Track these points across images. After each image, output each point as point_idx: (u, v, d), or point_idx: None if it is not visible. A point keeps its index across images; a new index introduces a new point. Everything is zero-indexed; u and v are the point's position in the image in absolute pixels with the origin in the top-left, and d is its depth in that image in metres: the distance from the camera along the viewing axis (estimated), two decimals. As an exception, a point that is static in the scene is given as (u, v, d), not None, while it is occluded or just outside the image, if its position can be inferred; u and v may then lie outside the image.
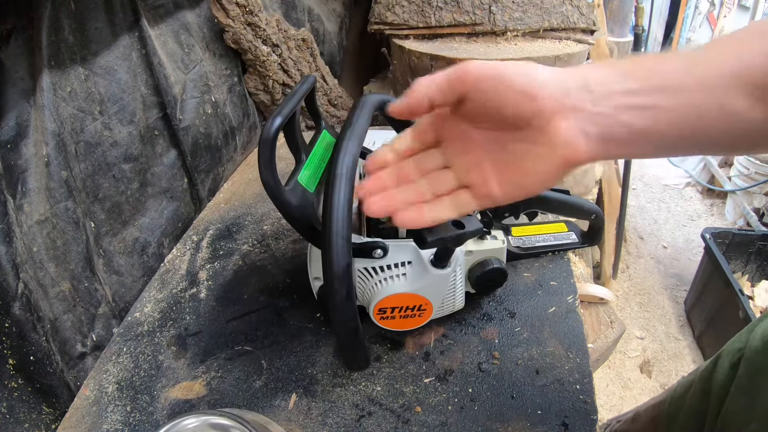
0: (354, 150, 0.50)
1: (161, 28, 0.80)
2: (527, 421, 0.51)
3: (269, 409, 0.54)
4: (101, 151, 0.67)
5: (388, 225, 0.55)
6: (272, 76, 1.04)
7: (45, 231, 0.58)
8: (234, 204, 0.92)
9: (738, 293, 1.40)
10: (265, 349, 0.62)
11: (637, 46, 1.65)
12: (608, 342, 1.09)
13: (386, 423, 0.52)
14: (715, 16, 3.46)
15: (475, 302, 0.65)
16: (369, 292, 0.55)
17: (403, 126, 0.68)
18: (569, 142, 0.33)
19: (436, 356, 0.59)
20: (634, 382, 1.53)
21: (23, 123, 0.56)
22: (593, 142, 0.33)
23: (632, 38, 1.74)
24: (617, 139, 0.33)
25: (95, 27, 0.66)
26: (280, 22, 1.05)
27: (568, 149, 0.33)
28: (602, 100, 0.33)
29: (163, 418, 0.54)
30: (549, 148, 0.34)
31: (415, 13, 1.14)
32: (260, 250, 0.79)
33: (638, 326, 1.73)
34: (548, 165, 0.34)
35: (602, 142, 0.33)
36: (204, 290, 0.72)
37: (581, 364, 0.57)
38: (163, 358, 0.62)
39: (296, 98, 0.55)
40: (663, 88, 0.32)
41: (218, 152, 0.96)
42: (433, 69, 1.10)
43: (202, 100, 0.89)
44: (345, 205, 0.46)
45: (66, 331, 0.60)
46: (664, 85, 0.32)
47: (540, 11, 1.12)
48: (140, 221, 0.76)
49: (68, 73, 0.62)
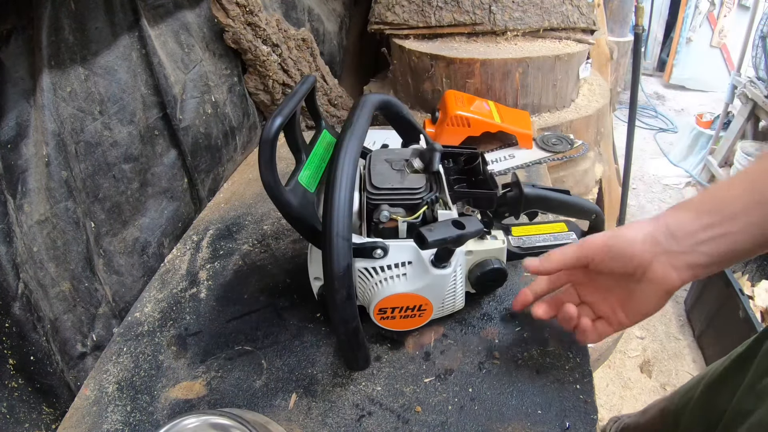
0: (354, 150, 0.50)
1: (161, 28, 0.80)
2: (527, 420, 0.51)
3: (269, 408, 0.54)
4: (101, 151, 0.67)
5: (388, 225, 0.55)
6: (272, 76, 1.04)
7: (45, 231, 0.58)
8: (234, 204, 0.92)
9: (738, 293, 1.40)
10: (266, 349, 0.62)
11: (637, 45, 1.64)
12: (608, 342, 1.09)
13: (386, 423, 0.52)
14: (715, 16, 3.45)
15: (475, 302, 0.65)
16: (369, 292, 0.55)
17: (403, 127, 0.68)
18: (664, 278, 0.45)
19: (436, 356, 0.59)
20: (634, 381, 1.53)
21: (23, 123, 0.56)
22: (683, 272, 0.45)
23: (632, 38, 1.74)
24: (703, 264, 0.44)
25: (95, 27, 0.66)
26: (280, 22, 1.05)
27: (665, 283, 0.46)
28: (684, 240, 0.44)
29: (164, 418, 0.54)
30: (652, 285, 0.46)
31: (415, 12, 1.14)
32: (260, 250, 0.79)
33: (638, 326, 1.73)
34: (654, 296, 0.47)
35: (690, 269, 0.45)
36: (204, 290, 0.72)
37: (581, 363, 0.57)
38: (164, 358, 0.62)
39: (296, 98, 0.55)
40: (730, 216, 0.42)
41: (218, 152, 0.96)
42: (433, 69, 1.10)
43: (202, 100, 0.89)
44: (345, 205, 0.46)
45: (66, 331, 0.60)
46: (731, 214, 0.42)
47: (540, 11, 1.12)
48: (140, 221, 0.76)
49: (68, 73, 0.62)
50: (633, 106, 1.70)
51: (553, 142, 1.02)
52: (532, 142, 1.01)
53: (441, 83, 1.12)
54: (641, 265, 0.46)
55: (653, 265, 0.45)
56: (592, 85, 1.30)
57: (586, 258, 0.49)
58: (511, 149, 1.02)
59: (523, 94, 1.11)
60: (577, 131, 1.13)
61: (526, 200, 0.63)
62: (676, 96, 3.73)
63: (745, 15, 2.99)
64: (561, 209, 0.66)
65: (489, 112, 1.00)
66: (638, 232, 0.46)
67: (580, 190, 1.16)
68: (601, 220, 0.68)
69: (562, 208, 0.66)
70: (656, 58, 4.04)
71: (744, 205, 0.42)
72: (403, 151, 0.63)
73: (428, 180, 0.58)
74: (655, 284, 0.46)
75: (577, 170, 1.12)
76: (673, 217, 0.45)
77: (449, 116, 0.98)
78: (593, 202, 0.78)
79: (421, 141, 0.68)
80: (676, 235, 0.44)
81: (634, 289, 0.48)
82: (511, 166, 0.98)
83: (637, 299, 0.49)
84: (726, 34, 3.44)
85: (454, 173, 0.66)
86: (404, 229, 0.56)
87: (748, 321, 1.35)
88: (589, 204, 0.67)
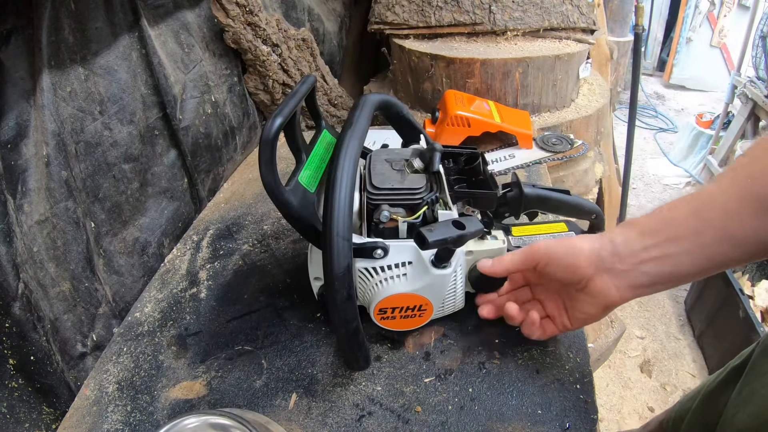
0: (354, 150, 0.50)
1: (161, 28, 0.80)
2: (527, 420, 0.51)
3: (269, 408, 0.54)
4: (101, 151, 0.67)
5: (388, 226, 0.55)
6: (272, 76, 1.04)
7: (45, 231, 0.58)
8: (234, 204, 0.92)
9: (738, 293, 1.40)
10: (266, 348, 0.62)
11: (637, 45, 1.64)
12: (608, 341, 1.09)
13: (386, 423, 0.52)
14: (715, 16, 3.45)
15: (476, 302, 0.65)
16: (369, 292, 0.55)
17: (403, 127, 0.68)
18: (604, 294, 0.47)
19: (436, 356, 0.59)
20: (634, 381, 1.53)
21: (23, 123, 0.56)
22: (623, 290, 0.46)
23: (632, 38, 1.74)
24: (643, 284, 0.45)
25: (95, 27, 0.66)
26: (280, 22, 1.05)
27: (604, 298, 0.47)
28: (627, 258, 0.44)
29: (164, 418, 0.54)
30: (592, 297, 0.48)
31: (415, 12, 1.14)
32: (260, 250, 0.79)
33: (638, 326, 1.73)
34: (594, 308, 0.49)
35: (630, 289, 0.45)
36: (204, 290, 0.72)
37: (581, 363, 0.57)
38: (164, 358, 0.62)
39: (296, 98, 0.55)
40: (674, 237, 0.42)
41: (218, 152, 0.96)
42: (433, 68, 1.10)
43: (202, 99, 0.89)
44: (346, 205, 0.46)
45: (66, 331, 0.60)
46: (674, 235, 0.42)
47: (540, 11, 1.12)
48: (140, 221, 0.76)
49: (68, 73, 0.62)
50: (633, 105, 1.70)
51: (553, 142, 1.02)
52: (532, 142, 1.01)
53: (441, 83, 1.11)
54: (584, 278, 0.47)
55: (594, 280, 0.47)
56: (592, 85, 1.30)
57: (532, 261, 0.52)
58: (511, 149, 1.02)
59: (523, 94, 1.11)
60: (577, 131, 1.13)
61: (526, 200, 0.63)
62: (676, 96, 3.73)
63: (745, 15, 2.99)
64: (561, 209, 0.66)
65: (489, 112, 1.00)
66: (584, 245, 0.47)
67: (580, 190, 1.16)
68: (601, 220, 0.68)
69: (562, 208, 0.66)
70: (656, 58, 4.04)
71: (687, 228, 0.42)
72: (403, 151, 0.63)
73: (428, 180, 0.58)
74: (595, 298, 0.48)
75: (577, 170, 1.12)
76: (620, 235, 0.46)
77: (449, 116, 0.98)
78: (593, 202, 0.77)
79: (421, 141, 0.68)
80: (620, 253, 0.45)
81: (576, 297, 0.50)
82: (511, 166, 0.98)
83: (578, 307, 0.50)
84: (726, 33, 3.44)
85: (454, 173, 0.66)
86: (404, 229, 0.56)
87: (748, 321, 1.35)
88: (589, 204, 0.67)
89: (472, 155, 0.65)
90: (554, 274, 0.50)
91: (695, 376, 1.55)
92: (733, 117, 2.47)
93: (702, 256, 0.42)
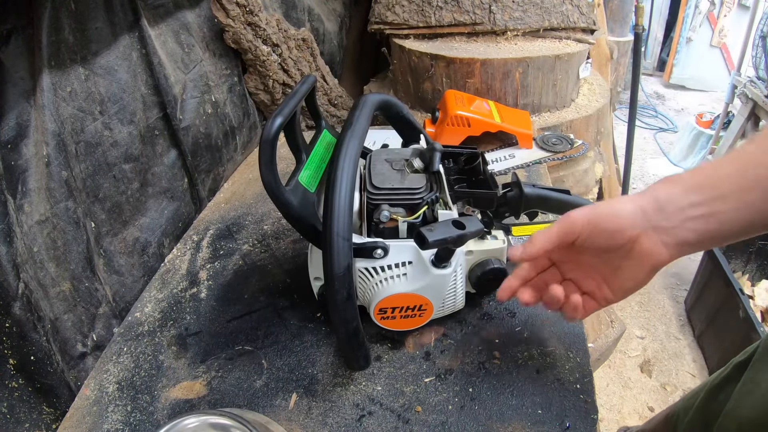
0: (355, 150, 0.50)
1: (161, 28, 0.80)
2: (527, 420, 0.51)
3: (270, 408, 0.54)
4: (101, 151, 0.67)
5: (388, 225, 0.55)
6: (272, 76, 1.04)
7: (45, 231, 0.58)
8: (234, 204, 0.92)
9: (738, 292, 1.40)
10: (266, 348, 0.62)
11: (637, 45, 1.65)
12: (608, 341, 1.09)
13: (387, 422, 0.52)
14: (715, 16, 3.45)
15: (476, 302, 0.65)
16: (369, 292, 0.55)
17: (403, 127, 0.68)
18: (652, 253, 0.44)
19: (436, 356, 0.59)
20: (634, 381, 1.53)
21: (23, 123, 0.56)
22: (671, 248, 0.43)
23: (632, 38, 1.74)
24: (690, 242, 0.43)
25: (95, 27, 0.66)
26: (280, 22, 1.05)
27: (652, 259, 0.44)
28: (672, 215, 0.42)
29: (164, 417, 0.54)
30: (639, 260, 0.45)
31: (415, 12, 1.14)
32: (260, 250, 0.79)
33: (638, 326, 1.73)
34: (641, 272, 0.45)
35: (677, 246, 0.43)
36: (204, 290, 0.72)
37: (581, 363, 0.57)
38: (164, 358, 0.62)
39: (296, 98, 0.55)
40: (720, 195, 0.41)
41: (218, 152, 0.96)
42: (433, 68, 1.10)
43: (202, 99, 0.89)
44: (346, 205, 0.46)
45: (66, 331, 0.60)
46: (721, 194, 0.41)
47: (540, 11, 1.12)
48: (140, 221, 0.76)
49: (68, 73, 0.62)
50: (633, 105, 1.70)
51: (553, 141, 1.02)
52: (532, 141, 1.01)
53: (441, 83, 1.11)
54: (629, 240, 0.44)
55: (641, 239, 0.43)
56: (592, 85, 1.30)
57: (572, 235, 0.46)
58: (511, 149, 1.02)
59: (523, 93, 1.11)
60: (577, 131, 1.13)
61: (526, 200, 0.63)
62: (676, 96, 3.73)
63: (745, 15, 2.99)
64: (561, 209, 0.66)
65: (489, 112, 1.00)
66: (626, 206, 0.44)
67: (580, 190, 1.16)
68: (601, 220, 0.68)
69: (563, 207, 0.66)
70: (656, 58, 4.04)
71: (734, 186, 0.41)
72: (403, 151, 0.63)
73: (428, 180, 0.58)
74: (643, 259, 0.44)
75: (577, 170, 1.12)
76: (664, 192, 0.43)
77: (449, 116, 0.98)
78: (593, 201, 0.77)
79: (421, 141, 0.68)
80: (665, 209, 0.43)
81: (620, 265, 0.46)
82: (511, 165, 0.98)
83: (623, 275, 0.47)
84: (726, 33, 3.44)
85: (454, 173, 0.66)
86: (404, 229, 0.56)
87: (748, 321, 1.35)
88: (589, 204, 0.67)
89: (472, 155, 0.65)
90: (596, 245, 0.46)
91: (695, 376, 1.55)
92: (733, 117, 2.46)
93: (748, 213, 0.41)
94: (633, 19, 1.95)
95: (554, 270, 0.53)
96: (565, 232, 0.46)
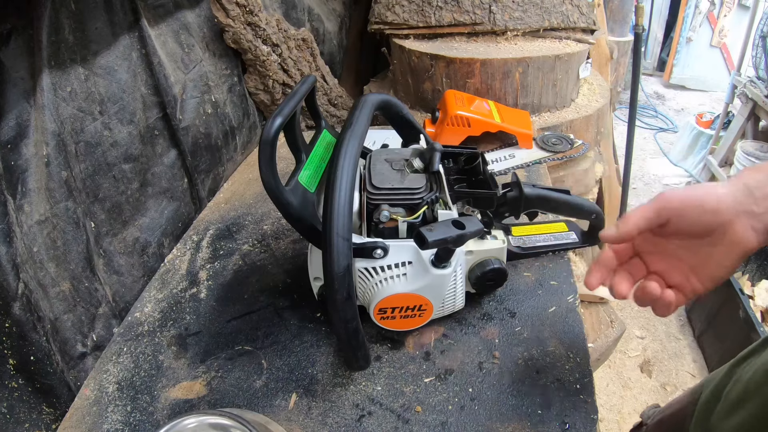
0: (354, 150, 0.50)
1: (161, 28, 0.80)
2: (527, 420, 0.51)
3: (269, 408, 0.54)
4: (101, 151, 0.67)
5: (388, 225, 0.55)
6: (272, 76, 1.04)
7: (45, 231, 0.58)
8: (234, 204, 0.92)
9: (738, 293, 1.40)
10: (266, 348, 0.62)
11: (637, 45, 1.65)
12: (608, 341, 1.09)
13: (386, 423, 0.52)
14: (715, 16, 3.46)
15: (476, 302, 0.65)
16: (369, 292, 0.55)
17: (403, 127, 0.68)
18: (744, 239, 0.43)
19: (436, 356, 0.59)
20: (634, 381, 1.53)
21: (23, 123, 0.56)
22: (760, 234, 0.43)
23: (632, 38, 1.74)
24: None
25: (95, 27, 0.66)
26: (280, 22, 1.05)
27: (743, 244, 0.43)
28: (762, 201, 0.42)
29: (164, 418, 0.54)
30: (729, 246, 0.44)
31: (415, 12, 1.14)
32: (260, 250, 0.79)
33: (638, 326, 1.73)
34: (730, 259, 0.45)
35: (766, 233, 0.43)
36: (204, 290, 0.72)
37: (581, 363, 0.57)
38: (164, 358, 0.62)
39: (296, 98, 0.55)
40: None
41: (218, 152, 0.96)
42: (433, 68, 1.10)
43: (202, 99, 0.89)
44: (346, 205, 0.46)
45: (66, 331, 0.60)
46: None
47: (540, 11, 1.12)
48: (140, 221, 0.76)
49: (68, 73, 0.62)
50: (633, 105, 1.70)
51: (553, 141, 1.02)
52: (532, 141, 1.01)
53: (441, 83, 1.11)
54: (722, 224, 0.43)
55: (734, 224, 0.43)
56: (592, 85, 1.30)
57: (667, 212, 0.45)
58: (511, 149, 1.02)
59: (523, 93, 1.11)
60: (577, 131, 1.13)
61: (526, 200, 0.63)
62: (676, 96, 3.73)
63: (745, 15, 2.99)
64: (561, 209, 0.66)
65: (489, 112, 1.00)
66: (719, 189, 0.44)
67: (580, 190, 1.16)
68: (601, 220, 0.68)
69: (562, 208, 0.66)
70: (656, 58, 4.04)
71: None
72: (403, 151, 0.63)
73: (428, 180, 0.58)
74: (733, 245, 0.44)
75: (577, 170, 1.12)
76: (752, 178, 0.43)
77: (449, 116, 0.98)
78: (593, 202, 0.77)
79: (421, 141, 0.68)
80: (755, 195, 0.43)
81: (709, 252, 0.45)
82: (511, 165, 0.98)
83: (712, 263, 0.46)
84: (726, 33, 3.44)
85: (454, 173, 0.66)
86: (404, 229, 0.56)
87: (749, 321, 1.35)
88: (589, 204, 0.67)
89: (472, 155, 0.65)
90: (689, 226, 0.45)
91: (695, 376, 1.55)
92: (733, 117, 2.47)
93: None
94: (633, 19, 1.95)
95: (638, 261, 0.51)
96: (661, 208, 0.45)
